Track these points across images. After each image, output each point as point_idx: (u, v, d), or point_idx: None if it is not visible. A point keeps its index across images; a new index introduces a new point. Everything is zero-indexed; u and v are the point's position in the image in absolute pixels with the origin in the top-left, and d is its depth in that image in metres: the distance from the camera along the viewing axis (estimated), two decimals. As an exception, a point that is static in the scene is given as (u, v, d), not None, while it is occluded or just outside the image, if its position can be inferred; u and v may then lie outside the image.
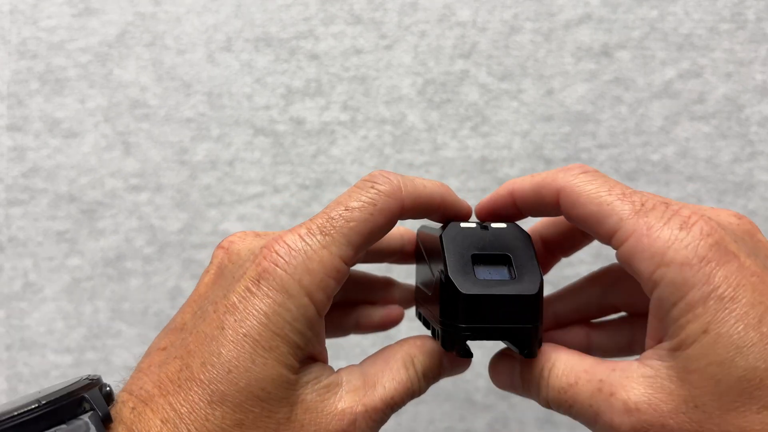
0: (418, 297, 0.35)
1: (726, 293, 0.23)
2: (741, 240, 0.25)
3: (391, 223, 0.28)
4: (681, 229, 0.24)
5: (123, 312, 0.56)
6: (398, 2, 0.54)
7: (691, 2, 0.54)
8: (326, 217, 0.27)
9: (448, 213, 0.30)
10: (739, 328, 0.23)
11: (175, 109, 0.55)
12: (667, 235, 0.24)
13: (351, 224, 0.27)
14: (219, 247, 0.30)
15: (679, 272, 0.24)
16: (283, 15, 0.55)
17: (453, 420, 0.55)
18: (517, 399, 0.54)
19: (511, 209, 0.31)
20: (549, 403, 0.27)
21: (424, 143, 0.55)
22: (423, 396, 0.58)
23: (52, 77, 0.55)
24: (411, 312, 0.36)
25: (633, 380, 0.25)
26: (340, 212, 0.27)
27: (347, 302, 0.38)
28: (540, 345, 0.28)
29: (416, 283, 0.36)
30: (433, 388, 0.56)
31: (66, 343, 0.56)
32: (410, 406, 0.55)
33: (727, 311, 0.23)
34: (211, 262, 0.30)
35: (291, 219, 0.55)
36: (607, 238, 0.27)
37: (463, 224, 0.30)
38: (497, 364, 0.30)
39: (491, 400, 0.55)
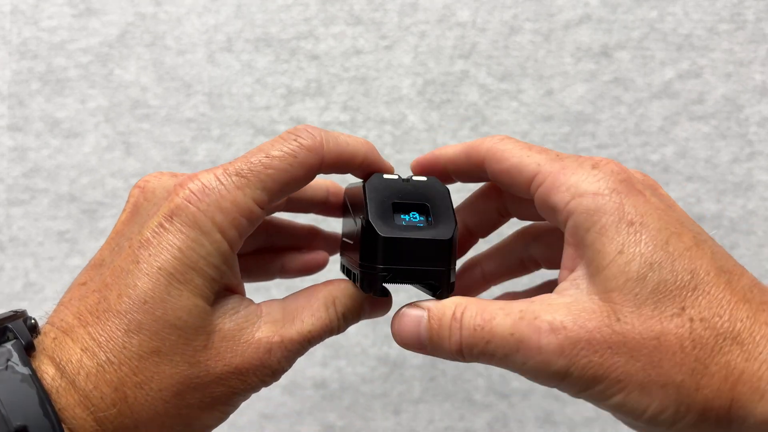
0: (342, 249, 0.37)
1: (635, 219, 0.26)
2: (645, 186, 0.28)
3: (309, 177, 0.29)
4: (593, 167, 0.27)
5: (124, 312, 0.56)
6: (398, 3, 0.55)
7: (691, 3, 0.54)
8: (245, 160, 0.28)
9: (371, 170, 0.32)
10: (650, 248, 0.25)
11: (175, 110, 0.55)
12: (581, 172, 0.27)
13: (269, 171, 0.28)
14: (135, 186, 0.31)
15: (592, 201, 0.26)
16: (284, 15, 0.55)
17: (453, 419, 0.55)
18: (516, 398, 0.55)
19: (438, 172, 0.33)
20: (461, 346, 0.27)
21: (424, 143, 0.55)
22: (423, 395, 0.59)
23: (52, 77, 0.55)
24: (338, 265, 0.37)
25: (554, 307, 0.26)
26: (260, 158, 0.28)
27: (273, 248, 0.39)
28: (452, 289, 0.29)
29: (342, 237, 0.38)
30: (433, 388, 0.56)
31: (67, 342, 0.56)
32: (410, 406, 0.55)
33: (638, 234, 0.25)
34: (127, 201, 0.30)
35: (291, 219, 0.55)
36: (527, 184, 0.29)
37: (385, 176, 0.31)
38: (402, 317, 0.29)
39: (491, 399, 0.55)
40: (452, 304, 0.28)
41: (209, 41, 0.55)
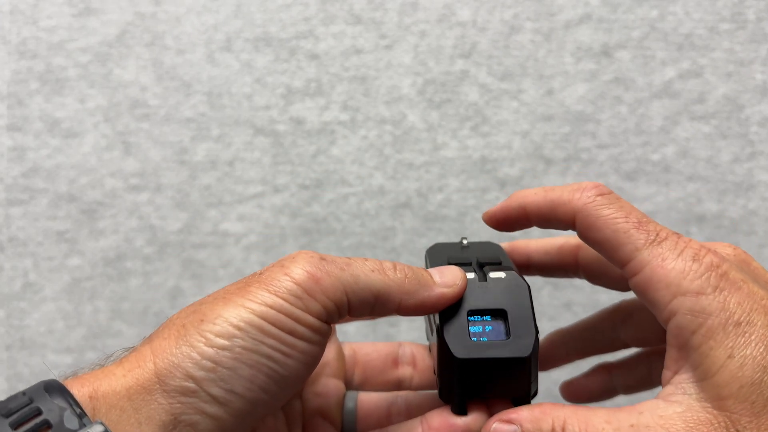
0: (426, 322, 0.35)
1: (742, 318, 0.24)
2: (741, 270, 0.26)
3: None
4: (694, 260, 0.25)
5: (123, 312, 0.56)
6: (398, 2, 0.54)
7: (691, 2, 0.54)
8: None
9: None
10: (761, 349, 0.24)
11: (175, 109, 0.55)
12: (681, 266, 0.25)
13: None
14: None
15: (696, 301, 0.25)
16: (283, 15, 0.55)
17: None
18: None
19: (522, 220, 0.31)
20: None
21: (424, 143, 0.55)
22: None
23: (52, 77, 0.55)
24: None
25: (668, 418, 0.24)
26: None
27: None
28: (534, 396, 0.28)
29: None
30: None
31: (66, 343, 0.56)
32: (410, 406, 0.55)
33: (746, 335, 0.24)
34: None
35: (291, 219, 0.55)
36: (621, 265, 0.27)
37: None
38: None
39: (491, 400, 0.55)
40: (548, 418, 0.26)
41: (209, 41, 0.55)
